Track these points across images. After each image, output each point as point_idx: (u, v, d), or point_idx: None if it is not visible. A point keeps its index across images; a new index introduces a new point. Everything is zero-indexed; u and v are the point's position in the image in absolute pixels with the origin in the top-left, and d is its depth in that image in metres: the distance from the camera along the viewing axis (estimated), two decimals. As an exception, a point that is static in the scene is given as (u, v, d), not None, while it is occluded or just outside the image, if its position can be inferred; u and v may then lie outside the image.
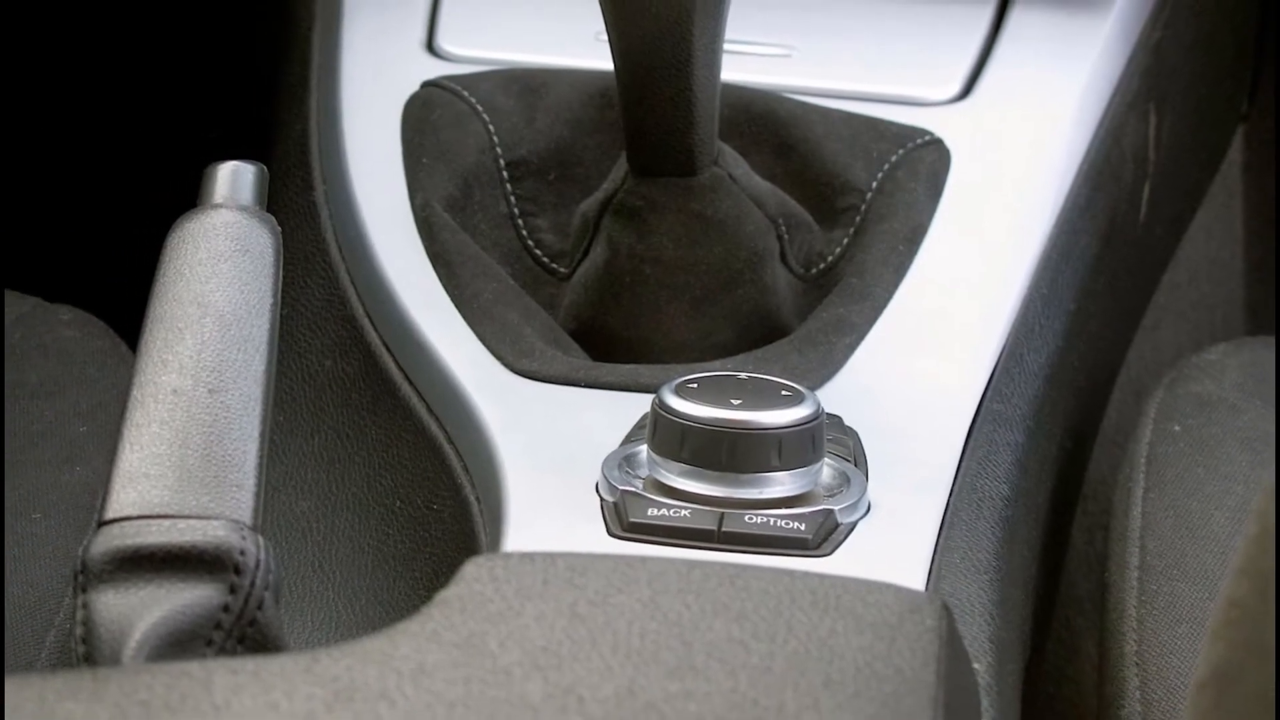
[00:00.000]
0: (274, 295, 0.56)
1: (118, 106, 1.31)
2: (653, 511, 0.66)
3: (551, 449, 0.73)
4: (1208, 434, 0.90)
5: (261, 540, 0.48)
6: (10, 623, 0.75)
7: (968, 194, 0.88)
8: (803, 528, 0.65)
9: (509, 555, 0.48)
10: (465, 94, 0.90)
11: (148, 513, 0.47)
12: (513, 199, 0.89)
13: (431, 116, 0.90)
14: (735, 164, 0.82)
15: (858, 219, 0.87)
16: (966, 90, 0.96)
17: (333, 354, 0.84)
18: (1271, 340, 1.03)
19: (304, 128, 0.94)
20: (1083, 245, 0.91)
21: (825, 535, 0.66)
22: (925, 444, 0.75)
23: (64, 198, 1.33)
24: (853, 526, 0.67)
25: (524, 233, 0.88)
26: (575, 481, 0.70)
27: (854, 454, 0.71)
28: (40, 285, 0.98)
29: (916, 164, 0.88)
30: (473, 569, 0.46)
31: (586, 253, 0.83)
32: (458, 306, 0.81)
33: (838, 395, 0.76)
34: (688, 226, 0.79)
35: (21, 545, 0.79)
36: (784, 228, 0.84)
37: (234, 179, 0.59)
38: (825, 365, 0.78)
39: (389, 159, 0.89)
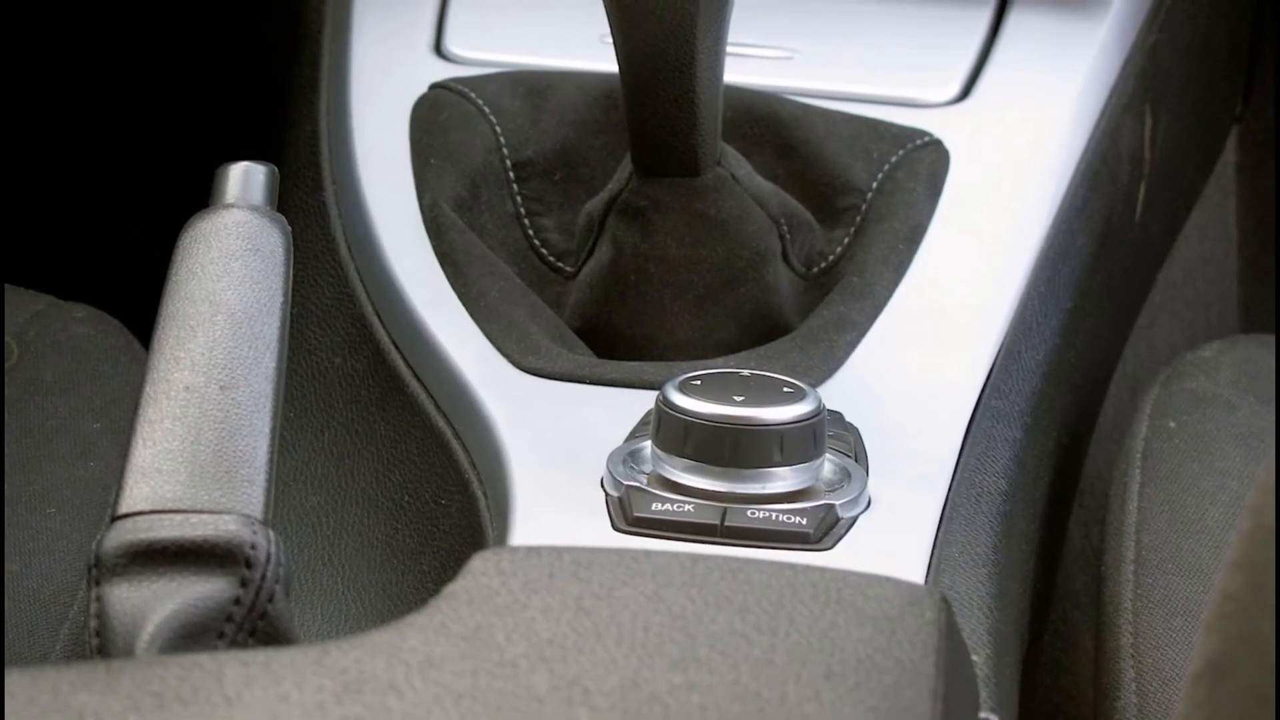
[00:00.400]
0: (284, 294, 0.56)
1: (130, 107, 1.31)
2: (657, 506, 0.66)
3: (557, 445, 0.73)
4: (1203, 430, 0.90)
5: (272, 534, 0.48)
6: (25, 616, 0.76)
7: (966, 194, 0.88)
8: (804, 522, 0.65)
9: (515, 549, 0.48)
10: (472, 96, 0.90)
11: (160, 507, 0.47)
12: (519, 199, 0.89)
13: (439, 118, 0.90)
14: (738, 164, 0.82)
15: (858, 219, 0.87)
16: (965, 92, 0.96)
17: (342, 351, 0.84)
18: (1265, 338, 1.03)
19: (314, 129, 0.94)
20: (1079, 244, 0.91)
21: (826, 529, 0.66)
22: (925, 440, 0.75)
23: (77, 197, 1.33)
24: (853, 521, 0.67)
25: (530, 232, 0.88)
26: (580, 477, 0.70)
27: (854, 449, 0.71)
28: (54, 284, 0.99)
29: (916, 164, 0.88)
30: (480, 563, 0.46)
31: (591, 252, 0.83)
32: (465, 305, 0.81)
33: (839, 392, 0.76)
34: (691, 226, 0.79)
35: (36, 540, 0.79)
36: (786, 227, 0.84)
37: (245, 179, 0.59)
38: (826, 362, 0.78)
39: (397, 160, 0.89)
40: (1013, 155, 0.91)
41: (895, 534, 0.68)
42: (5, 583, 0.77)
